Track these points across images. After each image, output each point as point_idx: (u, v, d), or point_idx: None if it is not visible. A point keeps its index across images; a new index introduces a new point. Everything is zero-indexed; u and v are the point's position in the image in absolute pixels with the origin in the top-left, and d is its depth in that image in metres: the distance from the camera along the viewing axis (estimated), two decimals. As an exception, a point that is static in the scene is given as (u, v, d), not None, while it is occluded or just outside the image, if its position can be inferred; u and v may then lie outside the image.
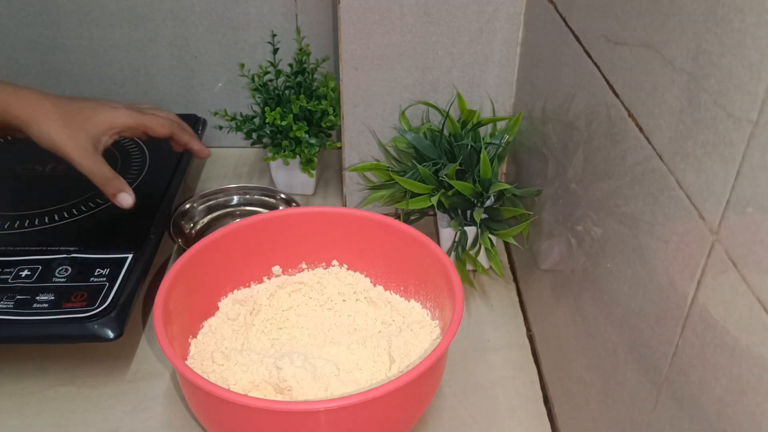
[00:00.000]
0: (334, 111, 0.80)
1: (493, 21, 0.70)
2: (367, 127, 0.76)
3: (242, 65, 0.86)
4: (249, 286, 0.66)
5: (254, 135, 0.82)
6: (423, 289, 0.63)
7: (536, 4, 0.65)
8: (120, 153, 0.81)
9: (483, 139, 0.71)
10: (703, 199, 0.33)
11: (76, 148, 0.61)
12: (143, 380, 0.62)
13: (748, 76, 0.29)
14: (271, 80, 0.82)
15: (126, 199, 0.64)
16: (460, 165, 0.68)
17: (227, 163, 0.92)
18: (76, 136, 0.60)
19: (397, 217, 0.72)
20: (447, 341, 0.51)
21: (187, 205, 0.80)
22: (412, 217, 0.75)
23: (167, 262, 0.75)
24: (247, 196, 0.80)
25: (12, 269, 0.62)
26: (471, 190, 0.66)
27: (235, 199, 0.80)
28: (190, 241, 0.75)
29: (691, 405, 0.35)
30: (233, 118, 0.83)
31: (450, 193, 0.67)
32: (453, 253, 0.69)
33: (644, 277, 0.40)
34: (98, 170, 0.62)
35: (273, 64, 0.82)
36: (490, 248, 0.66)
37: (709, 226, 0.33)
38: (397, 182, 0.69)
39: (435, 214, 0.76)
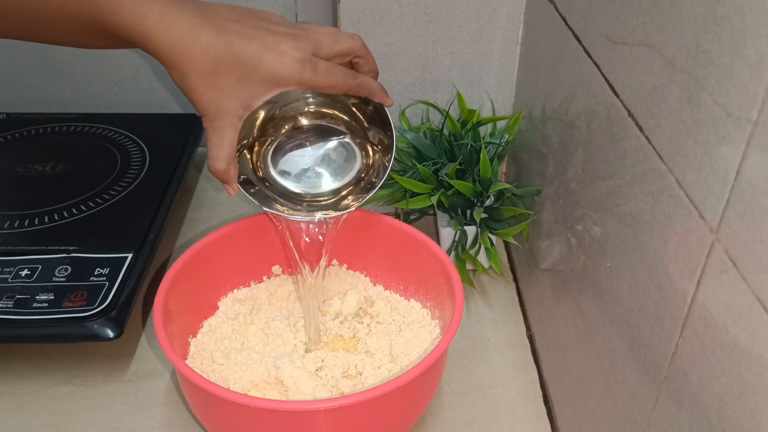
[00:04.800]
0: (333, 110, 0.80)
1: (492, 20, 0.70)
2: (367, 126, 0.76)
3: (242, 65, 0.85)
4: (249, 286, 0.66)
5: (254, 134, 0.82)
6: (423, 289, 0.63)
7: (536, 4, 0.65)
8: (119, 152, 0.81)
9: (483, 138, 0.71)
10: (703, 199, 0.33)
11: (215, 117, 0.48)
12: (143, 380, 0.62)
13: (748, 76, 0.29)
14: (270, 80, 0.82)
15: (228, 192, 0.54)
16: (459, 164, 0.68)
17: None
18: (220, 101, 0.47)
19: (397, 216, 0.72)
20: (447, 341, 0.51)
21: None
22: (412, 217, 0.75)
23: (167, 262, 0.75)
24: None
25: (12, 269, 0.62)
26: (471, 190, 0.66)
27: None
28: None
29: (690, 404, 0.35)
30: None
31: (450, 192, 0.67)
32: (453, 253, 0.69)
33: (644, 276, 0.40)
34: (218, 151, 0.50)
35: (273, 64, 0.82)
36: (489, 248, 0.66)
37: (709, 225, 0.33)
38: (397, 182, 0.69)
39: (435, 214, 0.75)
